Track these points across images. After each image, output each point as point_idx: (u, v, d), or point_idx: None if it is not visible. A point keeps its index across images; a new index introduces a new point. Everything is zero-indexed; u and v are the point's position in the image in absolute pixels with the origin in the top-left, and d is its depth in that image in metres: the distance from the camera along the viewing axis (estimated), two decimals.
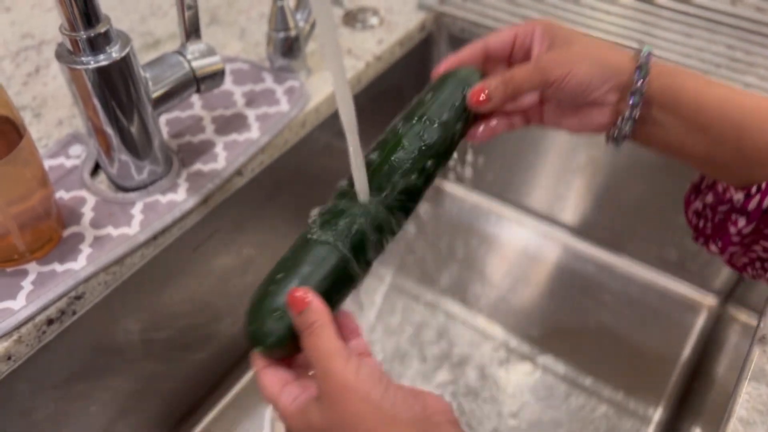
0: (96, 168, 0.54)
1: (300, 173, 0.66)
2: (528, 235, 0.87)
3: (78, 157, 0.54)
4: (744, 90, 0.41)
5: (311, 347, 0.33)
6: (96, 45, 0.43)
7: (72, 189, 0.52)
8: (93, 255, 0.47)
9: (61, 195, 0.51)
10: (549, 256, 0.85)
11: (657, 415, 0.69)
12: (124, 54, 0.44)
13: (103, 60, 0.44)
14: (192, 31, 0.50)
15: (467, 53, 0.45)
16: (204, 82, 0.52)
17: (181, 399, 0.67)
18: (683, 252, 0.77)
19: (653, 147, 0.43)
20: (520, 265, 0.84)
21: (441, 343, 0.75)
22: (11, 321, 0.43)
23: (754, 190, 0.39)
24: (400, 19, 0.72)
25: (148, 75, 0.48)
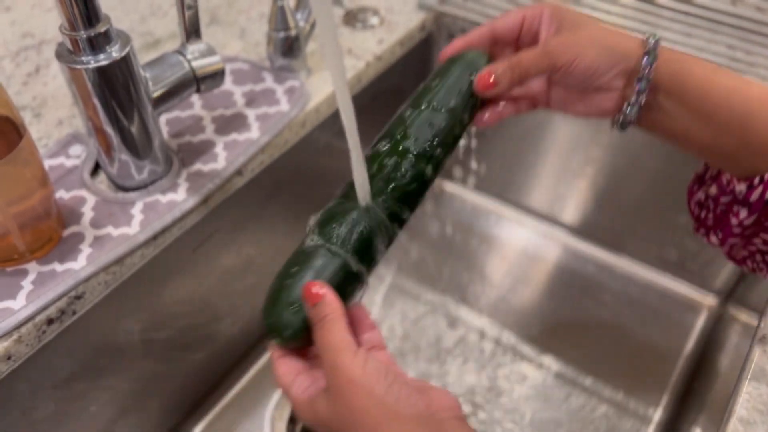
0: (96, 168, 0.54)
1: (300, 173, 0.66)
2: (528, 235, 0.87)
3: (78, 157, 0.54)
4: (751, 80, 0.40)
5: (321, 340, 0.34)
6: (96, 45, 0.43)
7: (72, 189, 0.52)
8: (93, 255, 0.47)
9: (61, 195, 0.51)
10: (549, 256, 0.85)
11: (657, 415, 0.69)
12: (124, 54, 0.44)
13: (103, 60, 0.44)
14: (192, 31, 0.50)
15: (474, 36, 0.45)
16: (204, 81, 0.52)
17: (181, 399, 0.67)
18: (683, 252, 0.77)
19: (658, 133, 0.43)
20: (520, 265, 0.84)
21: (441, 343, 0.75)
22: (11, 321, 0.43)
23: (756, 181, 0.39)
24: (400, 19, 0.72)
25: (148, 75, 0.48)
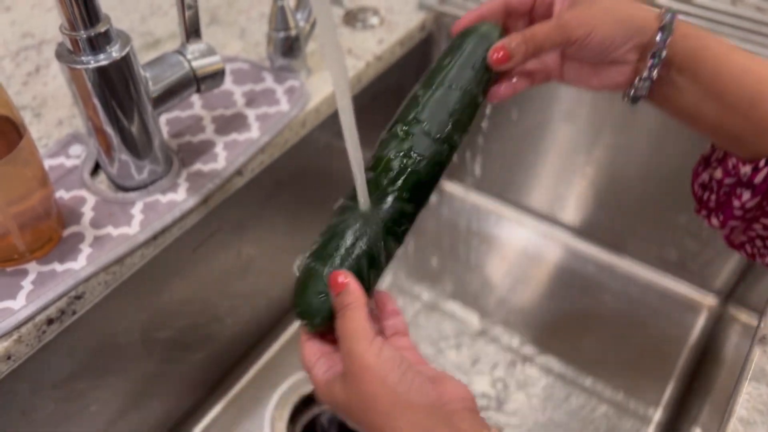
0: (96, 168, 0.54)
1: (300, 173, 0.66)
2: (528, 235, 0.87)
3: (78, 157, 0.54)
4: (766, 60, 0.40)
5: (341, 327, 0.35)
6: (96, 45, 0.43)
7: (72, 189, 0.52)
8: (93, 255, 0.47)
9: (61, 195, 0.51)
10: (549, 256, 0.85)
11: (657, 415, 0.69)
12: (124, 54, 0.44)
13: (103, 60, 0.44)
14: (192, 31, 0.50)
15: (487, 8, 0.44)
16: (204, 81, 0.52)
17: (181, 399, 0.67)
18: (683, 252, 0.77)
19: (667, 110, 0.43)
20: (520, 265, 0.84)
21: (441, 343, 0.75)
22: (11, 321, 0.43)
23: (762, 163, 0.39)
24: (400, 19, 0.72)
25: (148, 75, 0.48)
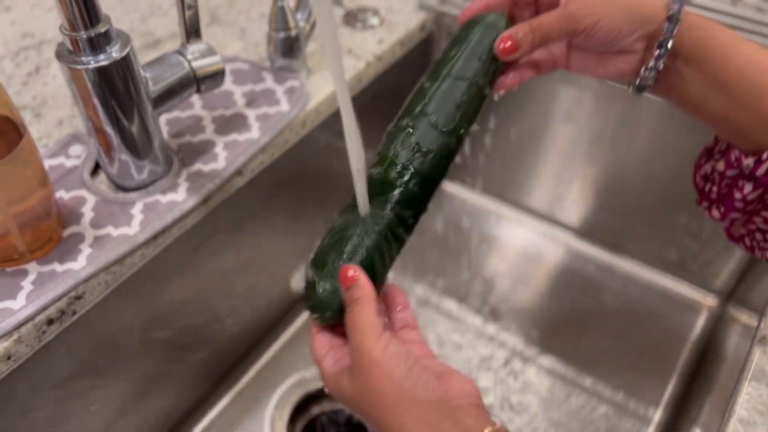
0: (96, 168, 0.54)
1: (300, 173, 0.66)
2: (528, 236, 0.87)
3: (78, 157, 0.54)
4: None
5: (350, 321, 0.35)
6: (96, 45, 0.43)
7: (72, 189, 0.52)
8: (93, 255, 0.47)
9: (61, 195, 0.51)
10: (549, 256, 0.85)
11: (657, 416, 0.69)
12: (124, 54, 0.44)
13: (103, 60, 0.44)
14: (192, 31, 0.50)
15: None
16: (204, 82, 0.52)
17: (181, 399, 0.67)
18: (684, 252, 0.77)
19: (672, 99, 0.43)
20: (520, 266, 0.84)
21: (440, 344, 0.75)
22: (11, 321, 0.43)
23: (765, 156, 0.39)
24: (400, 19, 0.72)
25: (148, 75, 0.48)
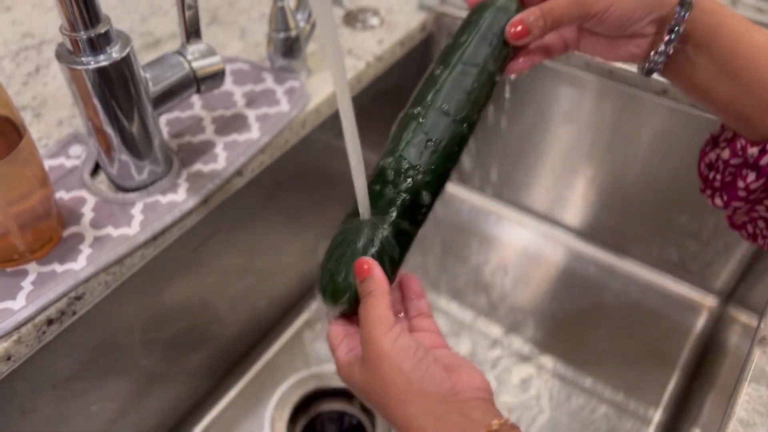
0: (96, 168, 0.54)
1: (300, 173, 0.66)
2: (528, 236, 0.87)
3: (78, 157, 0.54)
4: None
5: (363, 313, 0.36)
6: (96, 45, 0.43)
7: (72, 189, 0.52)
8: (93, 255, 0.47)
9: (61, 195, 0.51)
10: (549, 256, 0.85)
11: (657, 416, 0.69)
12: (124, 54, 0.44)
13: (104, 60, 0.44)
14: (192, 31, 0.50)
15: None
16: (204, 82, 0.52)
17: (181, 399, 0.67)
18: (684, 253, 0.77)
19: (680, 85, 0.43)
20: (520, 266, 0.84)
21: None
22: (11, 321, 0.43)
23: None
24: (400, 19, 0.72)
25: (148, 75, 0.48)
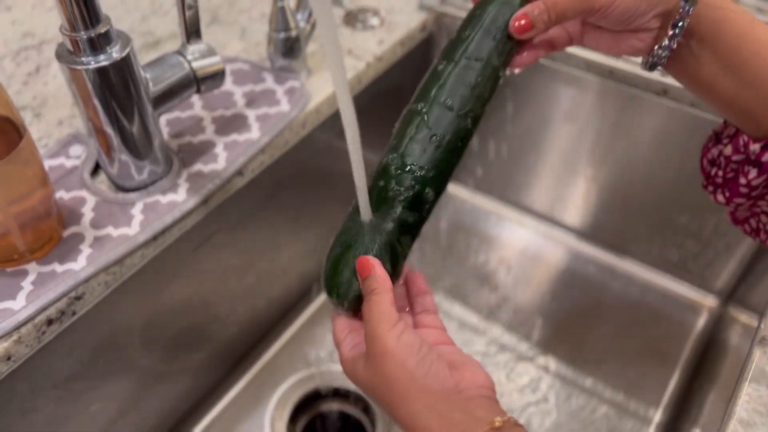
0: (96, 168, 0.54)
1: (300, 173, 0.66)
2: (529, 236, 0.87)
3: (78, 157, 0.54)
4: None
5: (367, 310, 0.36)
6: (96, 45, 0.43)
7: (72, 189, 0.52)
8: (93, 255, 0.47)
9: (61, 195, 0.51)
10: (550, 257, 0.85)
11: (657, 416, 0.69)
12: (124, 54, 0.44)
13: (104, 60, 0.44)
14: (192, 31, 0.50)
15: None
16: (204, 82, 0.52)
17: (181, 399, 0.67)
18: (684, 253, 0.77)
19: (684, 80, 0.43)
20: (520, 266, 0.84)
21: None
22: (11, 321, 0.43)
23: None
24: (400, 19, 0.72)
25: (148, 75, 0.48)
